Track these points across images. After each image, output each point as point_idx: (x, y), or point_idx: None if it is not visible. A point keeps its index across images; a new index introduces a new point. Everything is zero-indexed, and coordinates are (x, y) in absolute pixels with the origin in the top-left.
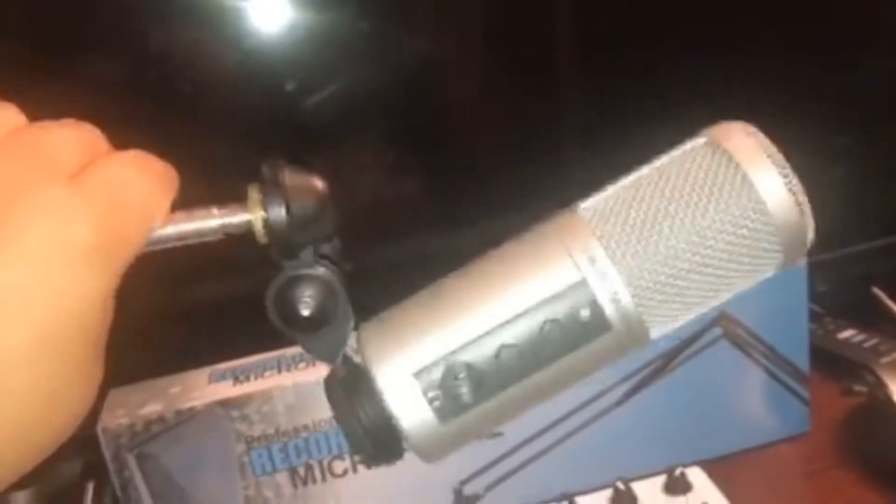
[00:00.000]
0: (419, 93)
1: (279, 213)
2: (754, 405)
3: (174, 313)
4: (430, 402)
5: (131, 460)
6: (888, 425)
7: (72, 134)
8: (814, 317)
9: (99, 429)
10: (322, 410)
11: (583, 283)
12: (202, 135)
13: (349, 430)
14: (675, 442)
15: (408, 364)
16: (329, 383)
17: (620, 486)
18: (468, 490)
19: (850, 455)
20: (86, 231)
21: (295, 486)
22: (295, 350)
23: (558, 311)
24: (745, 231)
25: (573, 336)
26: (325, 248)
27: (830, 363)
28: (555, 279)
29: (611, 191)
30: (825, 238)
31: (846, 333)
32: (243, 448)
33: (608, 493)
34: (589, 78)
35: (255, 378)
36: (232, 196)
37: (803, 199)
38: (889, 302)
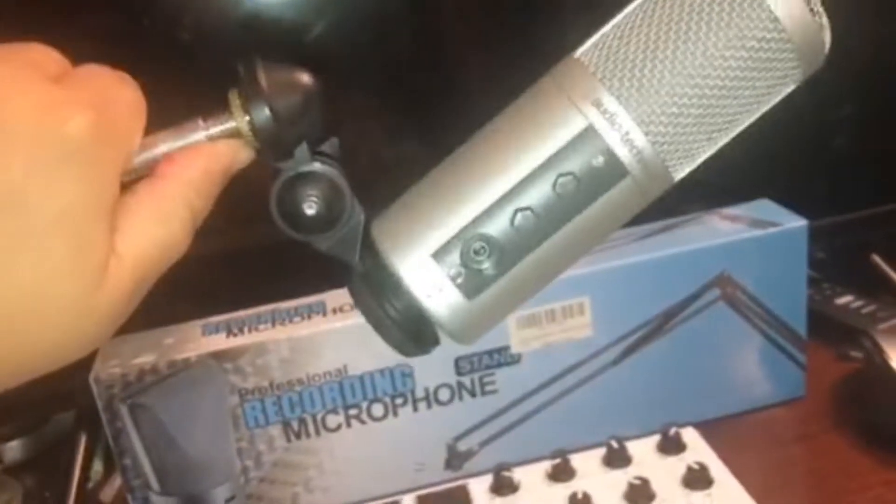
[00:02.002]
0: (423, 40)
1: (263, 113)
2: (751, 368)
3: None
4: (454, 280)
5: (124, 410)
6: (885, 390)
7: (45, 47)
8: (812, 283)
9: (91, 378)
10: (316, 365)
11: (590, 130)
12: (197, 78)
13: (381, 327)
14: (671, 403)
15: (425, 248)
16: (352, 285)
17: (614, 444)
18: (462, 446)
19: (845, 420)
20: (77, 124)
21: (288, 439)
22: (290, 304)
23: (570, 164)
24: (753, 43)
25: (589, 188)
26: (325, 147)
27: (826, 329)
28: (560, 131)
29: (606, 30)
30: (824, 204)
31: (844, 299)
32: (237, 400)
33: (602, 451)
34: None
35: (250, 331)
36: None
37: None
38: (888, 269)
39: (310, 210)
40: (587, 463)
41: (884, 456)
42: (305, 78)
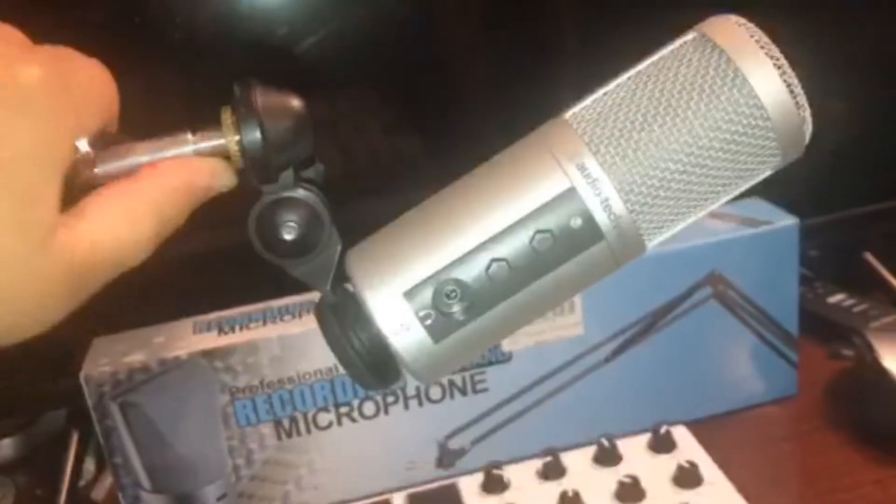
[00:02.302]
0: (413, 40)
1: (253, 135)
2: (742, 366)
3: (159, 264)
4: (423, 321)
5: (114, 409)
6: (876, 389)
7: (12, 27)
8: (803, 281)
9: (82, 377)
10: (307, 363)
11: (572, 192)
12: (191, 82)
13: (344, 357)
14: (662, 402)
15: (398, 285)
16: (320, 312)
17: (605, 442)
18: (453, 444)
19: (836, 418)
20: (29, 73)
21: (279, 437)
22: (281, 302)
23: (549, 221)
24: (739, 128)
25: (565, 247)
26: (309, 173)
27: (818, 327)
28: (543, 189)
29: (598, 94)
30: (816, 202)
31: (836, 298)
32: (227, 399)
33: (592, 449)
34: (590, 33)
35: (241, 329)
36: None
37: (799, 91)
38: (880, 267)
39: (288, 235)
40: (578, 461)
41: (875, 454)
42: (299, 104)
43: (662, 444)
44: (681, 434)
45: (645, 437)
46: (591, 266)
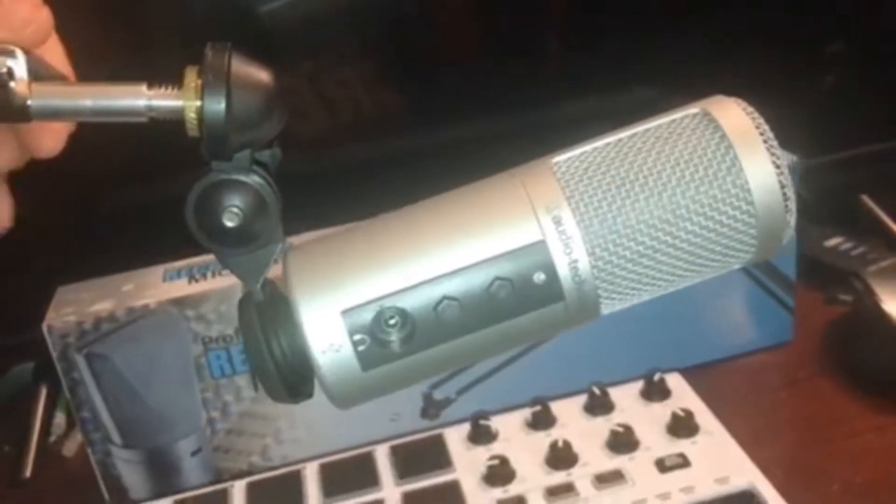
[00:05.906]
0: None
1: (217, 106)
2: (738, 312)
3: (127, 209)
4: (355, 345)
5: (80, 361)
6: (874, 333)
7: None
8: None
9: (44, 327)
10: None
11: (542, 245)
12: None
13: (258, 361)
14: (655, 348)
15: (337, 301)
16: (244, 305)
17: (596, 391)
18: (438, 394)
19: (833, 364)
20: None
21: (256, 389)
22: None
23: (511, 269)
24: (723, 217)
25: (521, 300)
26: (264, 156)
27: (813, 272)
28: (513, 234)
29: (588, 148)
30: (812, 144)
31: (832, 241)
32: (200, 349)
33: (583, 398)
34: None
35: (213, 276)
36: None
37: (791, 194)
38: (877, 210)
39: (229, 222)
40: (568, 410)
41: (873, 401)
42: (274, 82)
43: (656, 392)
44: (675, 381)
45: (638, 385)
46: (542, 323)
